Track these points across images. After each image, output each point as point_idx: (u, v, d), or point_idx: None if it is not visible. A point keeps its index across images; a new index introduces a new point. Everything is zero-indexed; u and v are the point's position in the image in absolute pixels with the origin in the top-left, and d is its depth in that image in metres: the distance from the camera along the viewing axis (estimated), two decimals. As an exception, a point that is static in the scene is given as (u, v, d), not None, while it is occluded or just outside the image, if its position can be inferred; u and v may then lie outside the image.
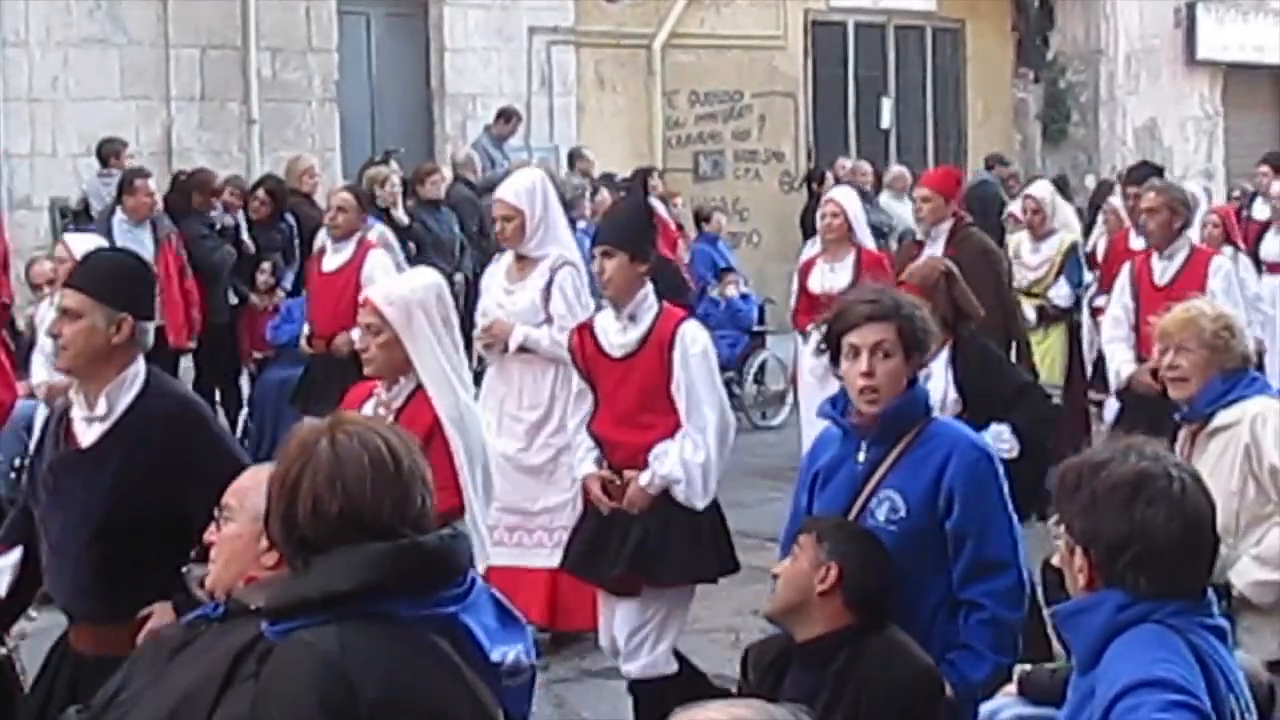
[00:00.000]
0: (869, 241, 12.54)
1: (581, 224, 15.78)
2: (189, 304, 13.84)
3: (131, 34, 17.11)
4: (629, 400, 7.84)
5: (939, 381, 8.03)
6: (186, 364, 14.18)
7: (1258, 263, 15.81)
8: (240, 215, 15.43)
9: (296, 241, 15.27)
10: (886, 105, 24.00)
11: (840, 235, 12.21)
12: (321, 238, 14.88)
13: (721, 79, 22.14)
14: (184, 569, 5.68)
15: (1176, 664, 3.69)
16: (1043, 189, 14.10)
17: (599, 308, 8.58)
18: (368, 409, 6.54)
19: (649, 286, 7.95)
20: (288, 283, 14.97)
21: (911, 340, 5.80)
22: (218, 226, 15.01)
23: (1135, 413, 9.58)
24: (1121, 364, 10.41)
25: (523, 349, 9.60)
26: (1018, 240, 13.73)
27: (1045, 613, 6.71)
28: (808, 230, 18.96)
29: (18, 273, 14.50)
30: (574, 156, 19.08)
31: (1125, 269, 10.87)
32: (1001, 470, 5.86)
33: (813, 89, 23.13)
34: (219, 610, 4.03)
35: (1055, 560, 5.19)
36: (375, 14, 19.30)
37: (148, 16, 17.19)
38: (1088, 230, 16.12)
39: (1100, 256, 14.20)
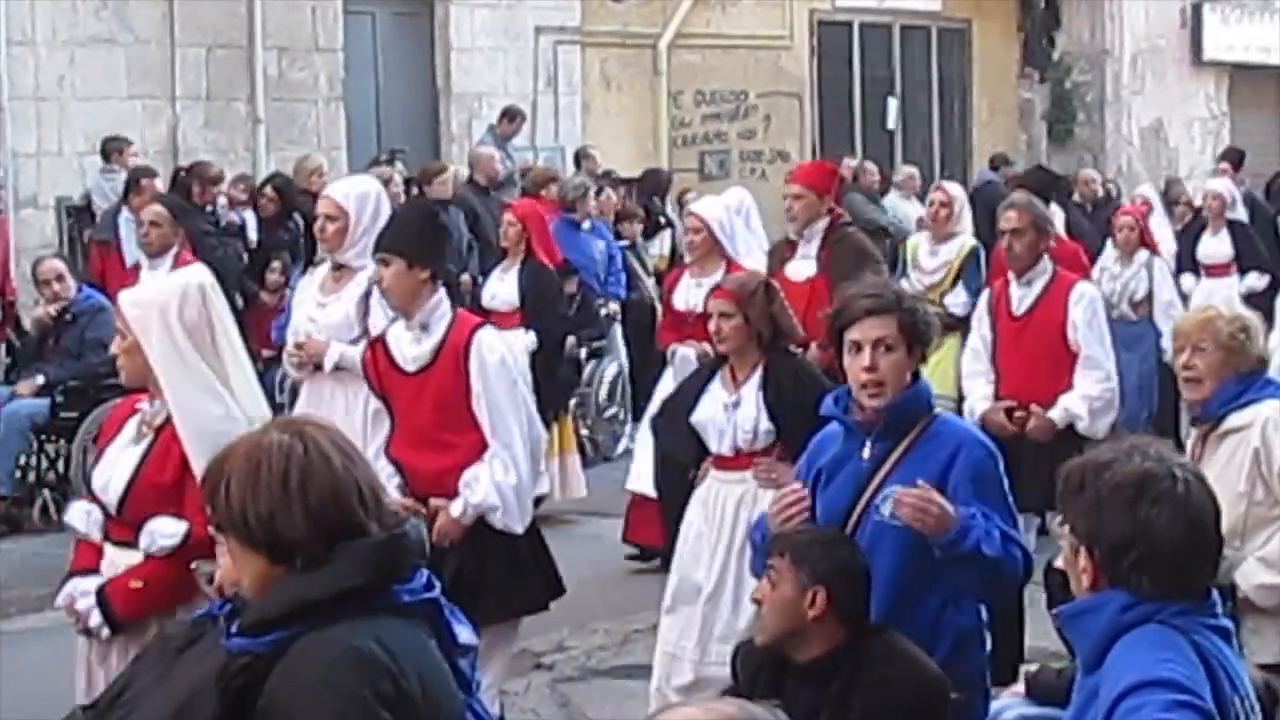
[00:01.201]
0: (742, 254, 11.18)
1: (586, 224, 15.80)
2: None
3: (137, 33, 17.11)
4: (425, 418, 7.42)
5: (749, 408, 7.59)
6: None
7: (1195, 266, 15.92)
8: (248, 213, 15.44)
9: (303, 240, 15.27)
10: (892, 105, 24.00)
11: (705, 250, 11.07)
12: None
13: (727, 79, 22.14)
14: (192, 565, 5.71)
15: (1180, 664, 3.70)
16: (957, 188, 13.62)
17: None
18: (130, 428, 6.15)
19: (440, 294, 7.52)
20: (296, 281, 14.97)
21: (913, 334, 5.79)
22: (223, 224, 15.03)
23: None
24: (977, 401, 9.53)
25: (339, 368, 8.86)
26: (915, 243, 13.21)
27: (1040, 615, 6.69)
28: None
29: (24, 271, 14.54)
30: (580, 156, 19.08)
31: (984, 296, 10.09)
32: (1003, 467, 5.87)
33: (818, 89, 23.12)
34: (226, 608, 4.03)
35: (1058, 563, 5.19)
36: (381, 13, 19.29)
37: (153, 15, 17.18)
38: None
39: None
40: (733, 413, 7.62)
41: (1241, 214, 16.79)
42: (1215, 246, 15.86)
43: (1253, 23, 28.18)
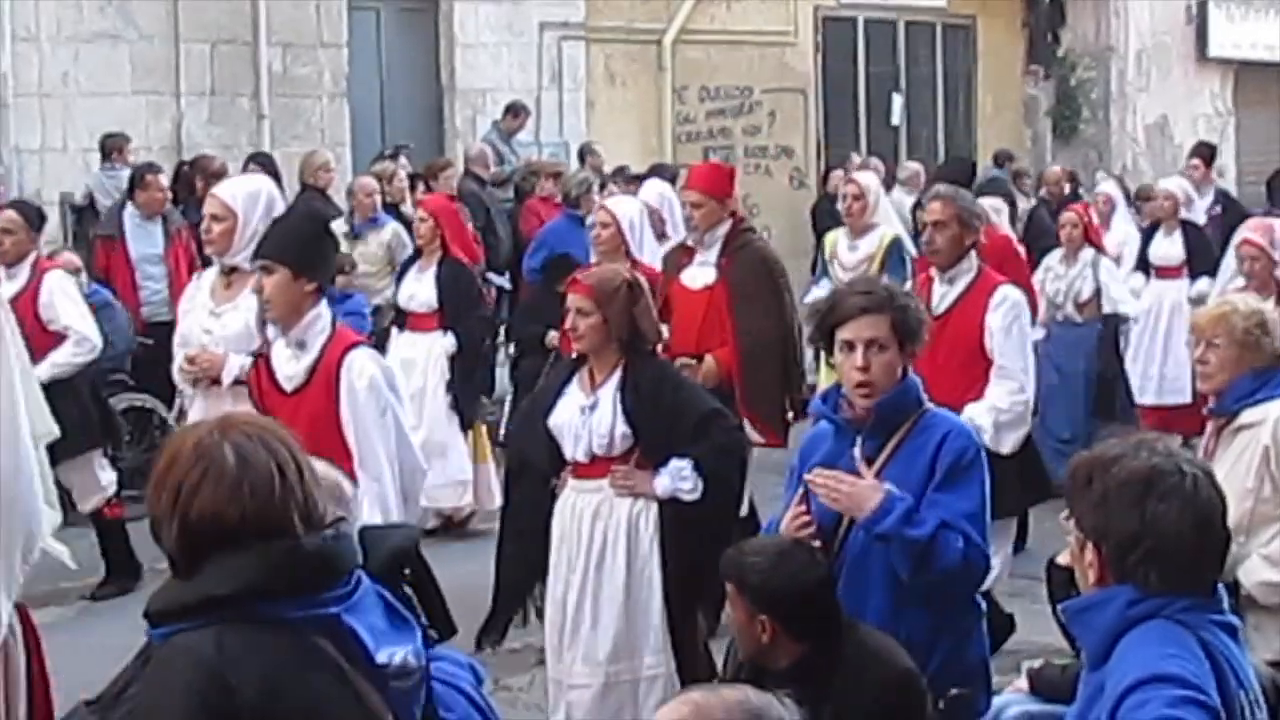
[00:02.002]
0: (645, 254, 10.75)
1: (589, 220, 15.77)
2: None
3: (142, 29, 17.11)
4: (302, 443, 6.79)
5: (606, 412, 7.24)
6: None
7: (1147, 266, 15.36)
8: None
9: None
10: (897, 101, 23.99)
11: (611, 247, 10.59)
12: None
13: (732, 75, 22.13)
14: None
15: (1186, 660, 3.69)
16: (869, 177, 12.99)
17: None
18: None
19: (321, 308, 7.04)
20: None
21: (905, 332, 5.79)
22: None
23: None
24: None
25: (238, 382, 8.08)
26: (834, 238, 12.41)
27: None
28: (818, 226, 19.04)
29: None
30: (584, 152, 19.08)
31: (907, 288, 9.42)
32: (986, 464, 5.86)
33: (823, 85, 23.11)
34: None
35: (1061, 559, 5.19)
36: (386, 9, 19.30)
37: (158, 12, 17.19)
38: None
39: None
40: (589, 416, 7.29)
41: (1198, 215, 16.23)
42: (1167, 248, 15.26)
43: (1258, 20, 28.18)
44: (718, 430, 7.29)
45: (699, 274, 10.08)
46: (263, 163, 15.75)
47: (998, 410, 8.56)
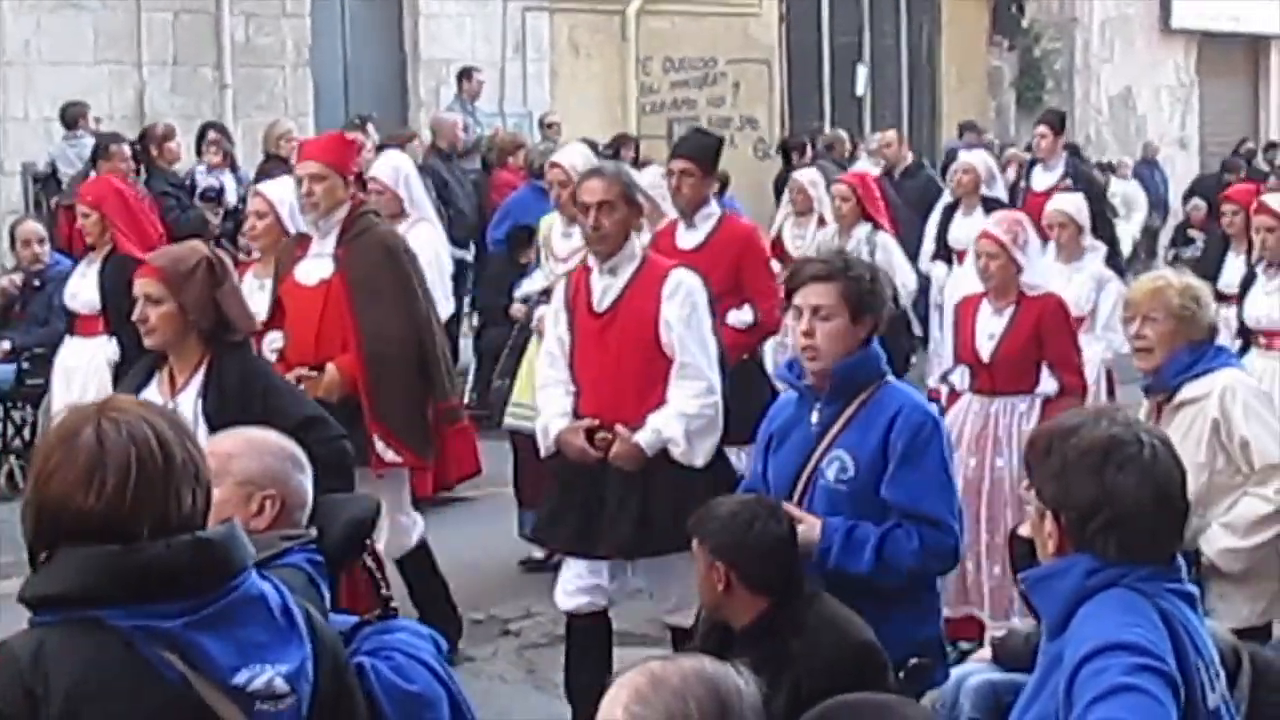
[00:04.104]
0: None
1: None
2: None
3: (104, -2, 17.06)
4: None
5: (187, 408, 6.33)
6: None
7: (948, 252, 14.07)
8: (226, 175, 15.34)
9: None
10: (861, 72, 24.00)
11: (271, 240, 9.40)
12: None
13: (696, 45, 22.11)
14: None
15: (1144, 628, 3.71)
16: (575, 155, 10.91)
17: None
18: None
19: None
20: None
21: (858, 302, 5.82)
22: (201, 189, 14.92)
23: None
24: (551, 418, 7.54)
25: None
26: (549, 222, 10.72)
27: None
28: (780, 198, 19.01)
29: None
30: (543, 123, 19.05)
31: (560, 286, 8.00)
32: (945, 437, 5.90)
33: (787, 56, 23.11)
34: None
35: (1023, 530, 5.21)
36: (349, -21, 19.26)
37: (120, -20, 17.14)
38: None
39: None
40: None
41: (1000, 191, 14.49)
42: (968, 229, 12.67)
43: (1221, -10, 28.24)
44: (314, 442, 5.40)
45: (314, 267, 8.59)
46: (221, 131, 15.71)
47: (687, 417, 7.31)
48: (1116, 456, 3.82)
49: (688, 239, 9.52)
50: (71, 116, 15.78)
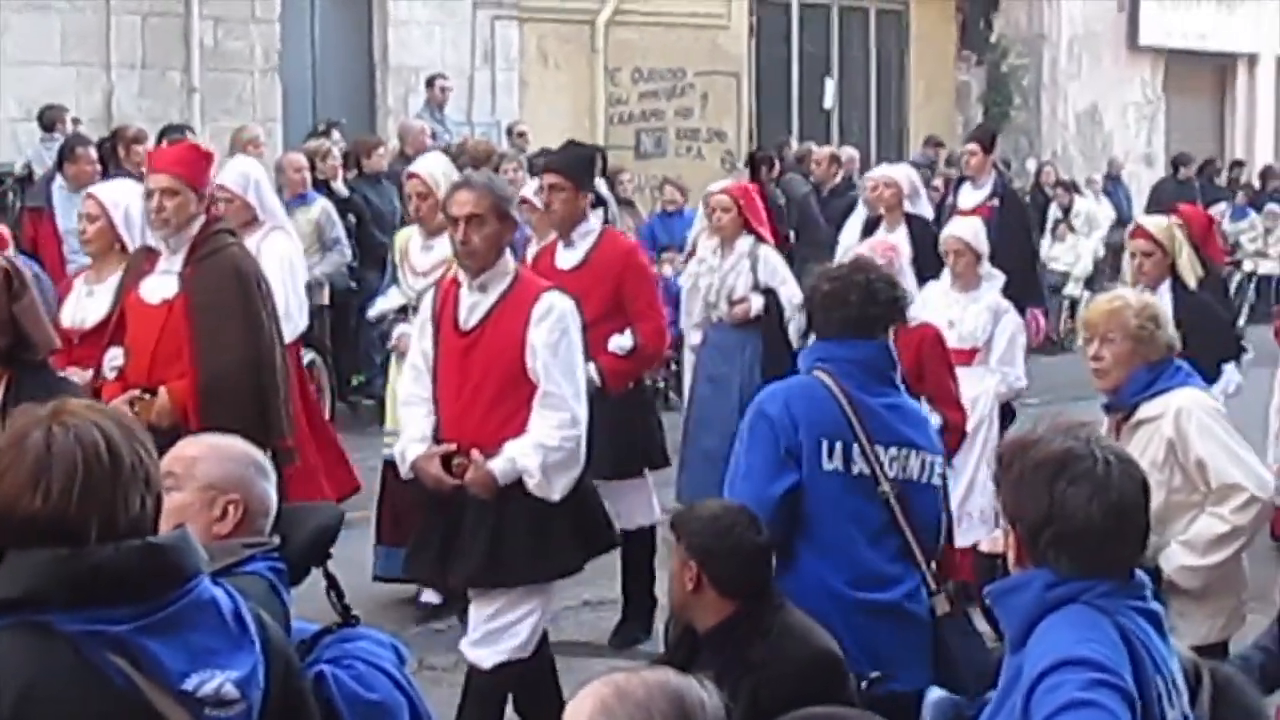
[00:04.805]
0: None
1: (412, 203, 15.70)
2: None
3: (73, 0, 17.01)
4: None
5: None
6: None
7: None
8: None
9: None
10: (829, 86, 24.05)
11: (103, 245, 8.90)
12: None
13: (665, 57, 22.14)
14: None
15: (1100, 644, 3.72)
16: (433, 164, 10.40)
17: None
18: None
19: None
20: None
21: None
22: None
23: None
24: (409, 442, 7.33)
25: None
26: (406, 236, 10.33)
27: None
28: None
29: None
30: (510, 132, 19.06)
31: (428, 299, 7.64)
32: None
33: (756, 68, 23.16)
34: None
35: (984, 546, 5.24)
36: (319, -15, 19.24)
37: (89, -18, 17.10)
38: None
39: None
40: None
41: (925, 208, 13.98)
42: None
43: (1189, 8, 28.36)
44: None
45: (159, 285, 8.08)
46: (179, 131, 15.68)
47: (545, 449, 7.03)
48: (1069, 471, 3.83)
49: (566, 258, 9.11)
50: (49, 119, 15.75)
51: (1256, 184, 26.64)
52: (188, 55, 17.80)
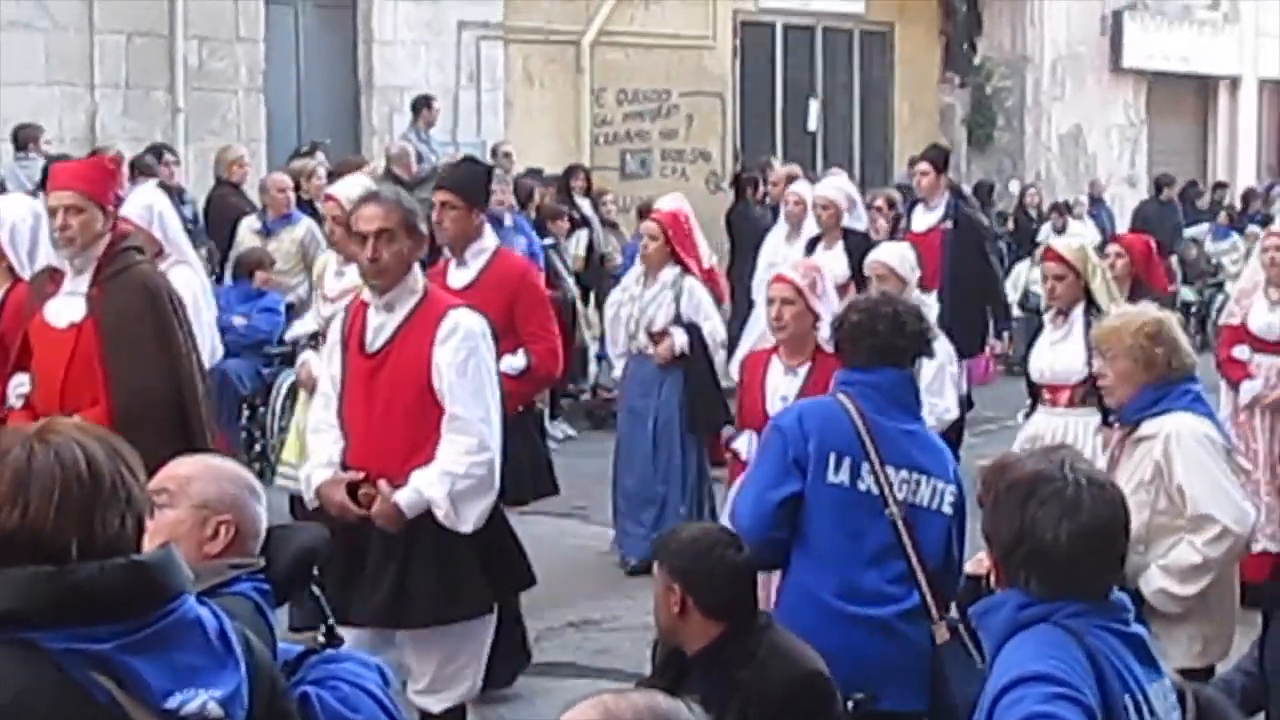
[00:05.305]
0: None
1: (508, 221, 15.78)
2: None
3: (56, 19, 16.98)
4: None
5: None
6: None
7: None
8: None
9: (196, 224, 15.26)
10: (814, 107, 24.07)
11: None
12: (241, 227, 14.85)
13: (650, 78, 22.15)
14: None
15: (1061, 661, 3.77)
16: (351, 188, 9.79)
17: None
18: None
19: None
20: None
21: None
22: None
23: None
24: (315, 469, 6.97)
25: None
26: (324, 262, 10.08)
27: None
28: (732, 232, 19.09)
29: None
30: (495, 153, 19.07)
31: (337, 321, 7.29)
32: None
33: (740, 89, 23.17)
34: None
35: (968, 567, 5.26)
36: (304, 5, 19.21)
37: (73, 2, 17.05)
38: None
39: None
40: None
41: (860, 220, 13.88)
42: (829, 263, 11.59)
43: (1172, 31, 28.45)
44: None
45: (65, 307, 7.60)
46: (155, 151, 15.69)
47: (452, 477, 6.67)
48: (1039, 492, 3.88)
49: (458, 277, 8.82)
50: (23, 139, 15.72)
51: (1238, 205, 26.73)
52: (172, 75, 17.76)
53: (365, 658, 4.01)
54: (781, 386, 8.08)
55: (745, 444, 8.28)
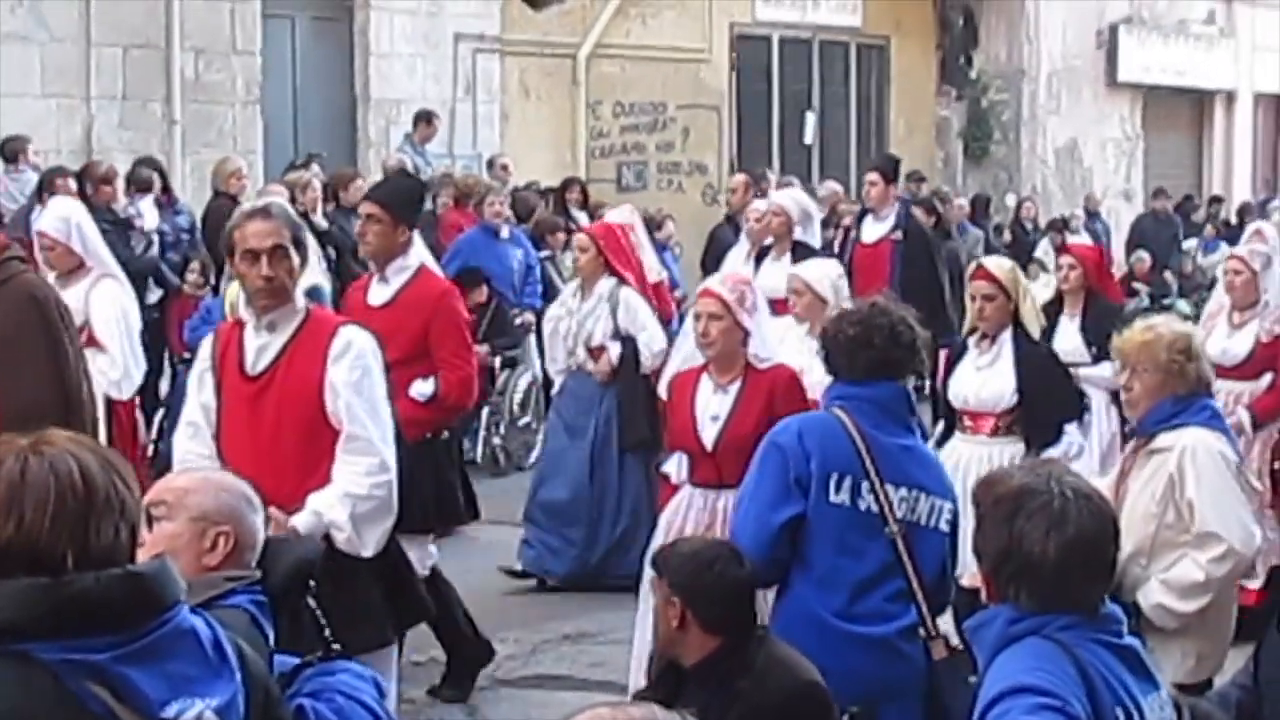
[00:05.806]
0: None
1: (504, 232, 15.78)
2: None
3: (53, 31, 16.98)
4: None
5: None
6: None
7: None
8: (145, 202, 15.24)
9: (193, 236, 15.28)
10: (810, 120, 24.09)
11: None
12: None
13: (646, 90, 22.17)
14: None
15: (1049, 673, 3.78)
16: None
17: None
18: None
19: None
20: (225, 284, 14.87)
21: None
22: (122, 216, 14.83)
23: None
24: None
25: None
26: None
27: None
28: (714, 248, 19.04)
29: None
30: (491, 165, 19.08)
31: (206, 344, 6.85)
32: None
33: (737, 102, 23.19)
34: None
35: (965, 580, 5.27)
36: (300, 17, 19.22)
37: (70, 14, 17.06)
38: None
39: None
40: None
41: (814, 234, 13.74)
42: (777, 276, 11.48)
43: (1167, 45, 28.46)
44: None
45: None
46: (148, 164, 15.68)
47: (354, 498, 6.37)
48: (1026, 507, 3.89)
49: (378, 294, 8.59)
50: (11, 151, 15.67)
51: (1234, 219, 26.73)
52: (168, 87, 17.76)
53: (360, 670, 4.01)
54: (712, 405, 7.69)
55: (674, 466, 7.95)
